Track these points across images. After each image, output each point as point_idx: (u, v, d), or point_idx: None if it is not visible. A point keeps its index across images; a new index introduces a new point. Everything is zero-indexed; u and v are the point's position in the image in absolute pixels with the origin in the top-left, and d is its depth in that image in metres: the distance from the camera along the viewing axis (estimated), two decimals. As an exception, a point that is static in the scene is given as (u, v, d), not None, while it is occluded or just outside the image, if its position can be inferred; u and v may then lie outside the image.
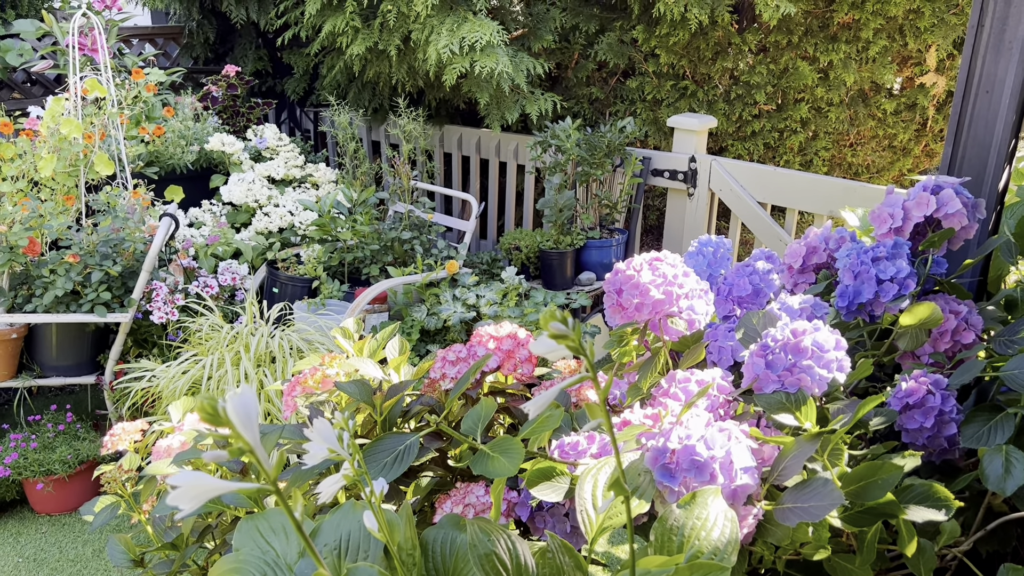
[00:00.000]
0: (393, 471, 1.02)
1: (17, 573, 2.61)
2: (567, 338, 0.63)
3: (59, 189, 3.19)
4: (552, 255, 3.42)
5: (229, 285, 3.31)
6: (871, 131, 4.07)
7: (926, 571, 1.02)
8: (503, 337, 1.41)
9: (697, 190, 3.30)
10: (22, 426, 3.04)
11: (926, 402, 1.14)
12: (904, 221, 1.32)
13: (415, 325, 3.00)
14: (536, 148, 3.49)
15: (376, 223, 3.46)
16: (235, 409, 0.53)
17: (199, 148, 3.87)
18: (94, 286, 2.89)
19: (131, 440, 1.48)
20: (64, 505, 2.92)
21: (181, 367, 2.66)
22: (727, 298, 1.37)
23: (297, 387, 1.44)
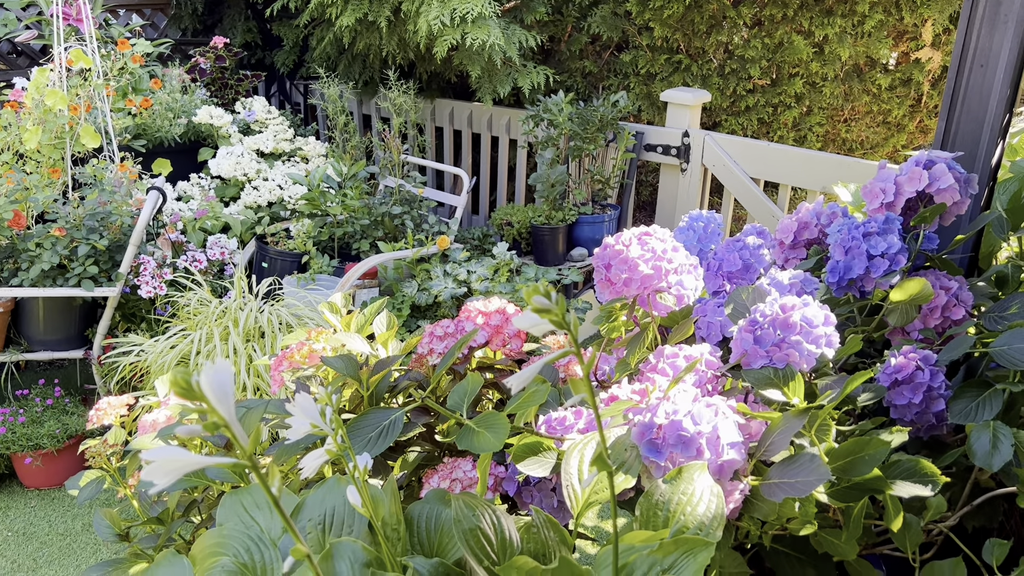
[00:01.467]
0: (378, 446, 1.01)
1: (6, 547, 2.61)
2: (550, 312, 0.62)
3: (45, 162, 3.15)
4: (544, 231, 3.40)
5: (218, 260, 3.28)
6: (865, 107, 4.05)
7: (912, 546, 1.02)
8: (492, 312, 1.40)
9: (690, 165, 3.28)
10: (10, 400, 3.02)
11: (915, 378, 1.13)
12: (896, 196, 1.31)
13: (406, 301, 2.99)
14: (528, 122, 3.46)
15: (366, 198, 3.44)
16: (209, 383, 0.52)
17: (187, 121, 3.82)
18: (81, 260, 2.86)
19: (117, 414, 1.47)
20: (53, 479, 2.91)
21: (169, 342, 2.64)
22: (717, 273, 1.36)
23: (284, 362, 1.43)
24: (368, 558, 0.80)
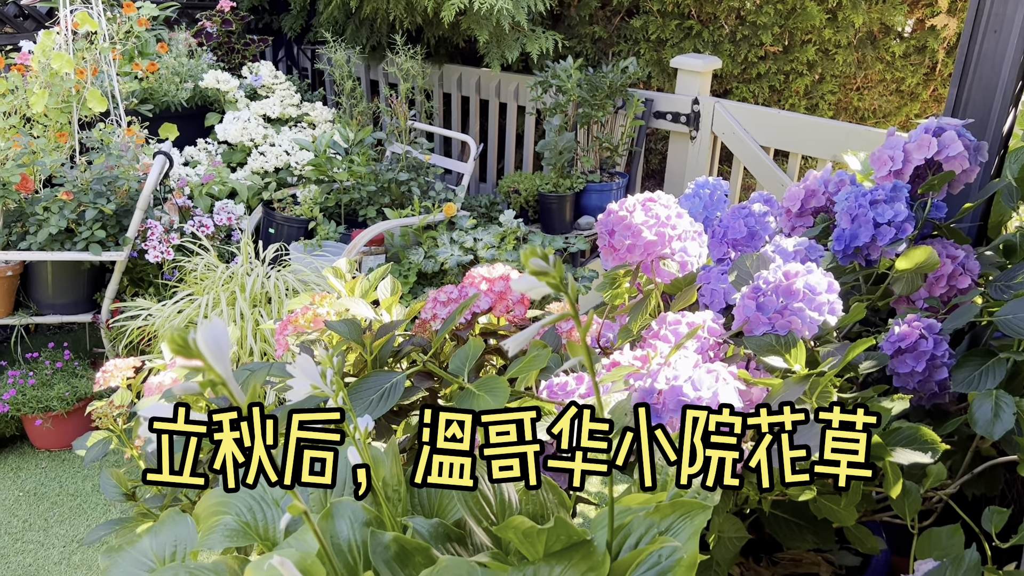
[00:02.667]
0: (379, 408, 1.02)
1: (18, 507, 2.65)
2: (548, 275, 0.62)
3: (52, 126, 3.15)
4: (551, 199, 3.39)
5: (225, 225, 3.28)
6: (879, 75, 3.99)
7: (911, 512, 1.03)
8: (495, 278, 1.40)
9: (700, 133, 3.25)
10: (20, 363, 3.05)
11: (918, 346, 1.13)
12: (904, 164, 1.30)
13: (412, 268, 2.99)
14: (536, 88, 3.43)
15: (373, 164, 3.42)
16: (205, 340, 0.52)
17: (193, 85, 3.81)
18: (88, 224, 2.87)
19: (123, 377, 1.48)
20: (63, 441, 2.95)
21: (177, 306, 2.65)
22: (722, 240, 1.35)
23: (289, 326, 1.44)
24: (368, 517, 0.80)
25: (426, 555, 0.76)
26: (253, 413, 0.69)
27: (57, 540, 2.50)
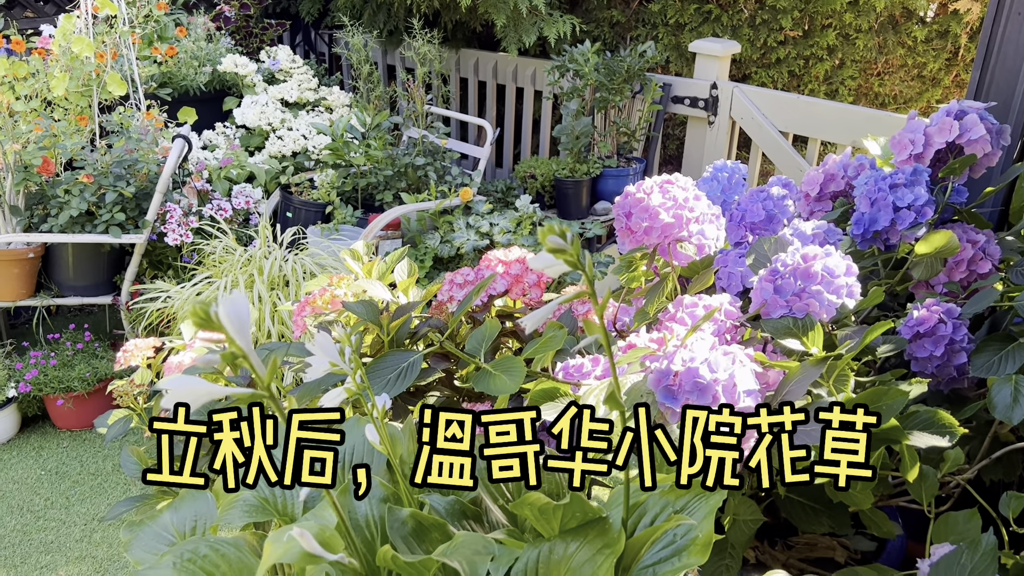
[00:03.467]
0: (396, 387, 1.02)
1: (40, 485, 2.69)
2: (565, 252, 0.62)
3: (72, 109, 3.17)
4: (568, 184, 3.38)
5: (243, 208, 3.30)
6: (900, 60, 3.95)
7: (928, 497, 1.02)
8: (512, 261, 1.40)
9: (718, 118, 3.23)
10: (42, 344, 3.09)
11: (937, 331, 1.12)
12: (925, 147, 1.28)
13: (428, 252, 3.00)
14: (554, 72, 3.42)
15: (390, 148, 3.43)
16: (227, 313, 0.53)
17: (212, 69, 3.82)
18: (108, 207, 2.90)
19: (143, 356, 1.49)
20: (84, 421, 2.99)
21: (195, 288, 2.67)
22: (739, 224, 1.34)
23: (307, 307, 1.45)
24: (386, 494, 0.81)
25: (443, 531, 0.77)
26: (253, 413, 0.70)
27: (78, 518, 2.54)
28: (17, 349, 3.10)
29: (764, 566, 1.18)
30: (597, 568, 0.68)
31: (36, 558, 2.38)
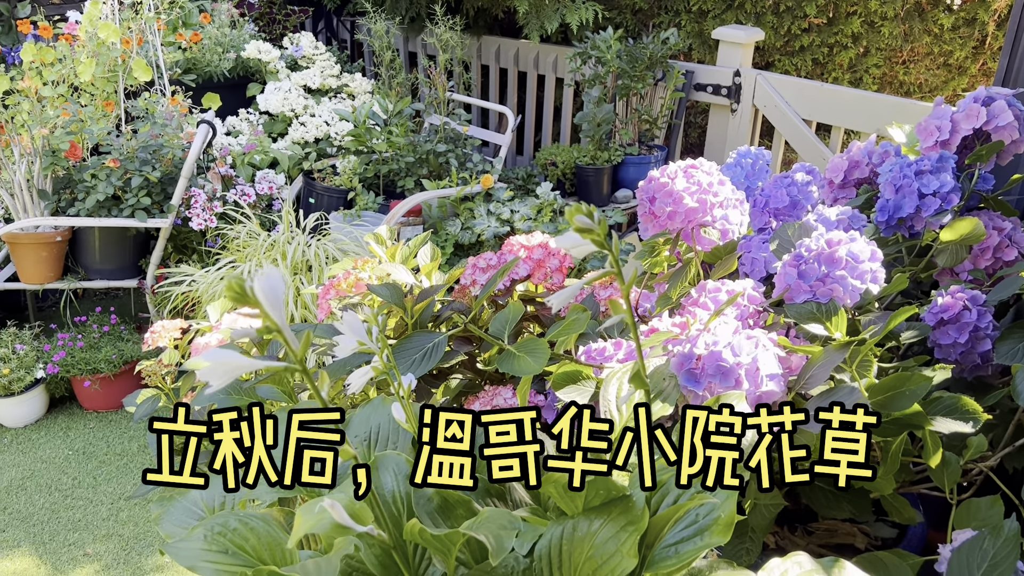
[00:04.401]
0: (422, 367, 1.04)
1: (67, 465, 2.74)
2: (592, 232, 0.63)
3: (98, 94, 3.20)
4: (588, 171, 3.38)
5: (266, 194, 3.33)
6: (926, 48, 3.90)
7: (950, 483, 1.02)
8: (534, 246, 1.41)
9: (740, 106, 3.21)
10: (69, 326, 3.14)
11: (961, 318, 1.12)
12: (951, 134, 1.28)
13: (449, 239, 3.01)
14: (575, 59, 3.41)
15: (411, 135, 3.44)
16: (262, 288, 0.54)
17: (235, 56, 3.84)
18: (134, 191, 2.93)
19: (171, 337, 1.52)
20: (110, 402, 3.03)
21: (219, 273, 2.70)
22: (763, 210, 1.34)
23: (331, 290, 1.46)
24: (411, 471, 0.82)
25: (467, 508, 0.78)
26: (253, 413, 0.72)
27: (105, 497, 2.59)
28: (45, 331, 3.15)
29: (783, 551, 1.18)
30: (621, 545, 0.69)
31: (64, 535, 2.43)
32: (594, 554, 0.71)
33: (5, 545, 2.39)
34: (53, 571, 2.30)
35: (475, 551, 0.82)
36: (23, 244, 2.95)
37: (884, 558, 1.01)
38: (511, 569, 0.76)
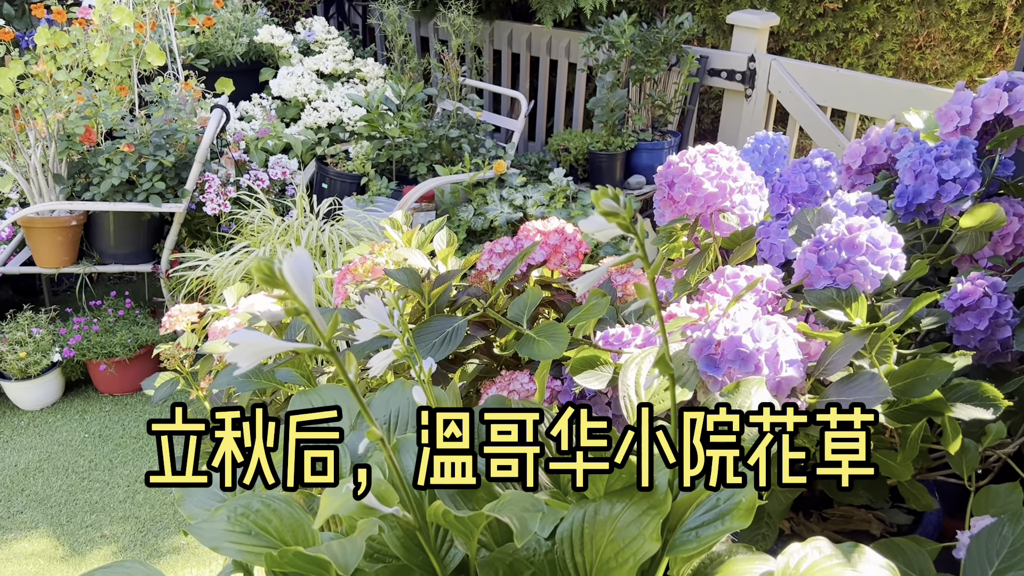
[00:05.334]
0: (441, 351, 1.04)
1: (84, 448, 2.77)
2: (618, 216, 0.63)
3: (112, 79, 3.21)
4: (601, 157, 3.37)
5: (280, 179, 3.33)
6: (942, 33, 3.86)
7: (968, 470, 1.02)
8: (550, 232, 1.41)
9: (755, 91, 3.19)
10: (84, 310, 3.16)
11: (981, 304, 1.11)
12: (972, 119, 1.27)
13: (462, 225, 3.01)
14: (589, 44, 3.40)
15: (424, 120, 3.43)
16: (291, 270, 0.54)
17: (248, 40, 3.84)
18: (148, 176, 2.94)
19: (188, 321, 1.53)
20: (125, 386, 3.06)
21: (234, 257, 2.71)
22: (782, 195, 1.34)
23: (348, 275, 1.47)
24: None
25: (489, 491, 0.79)
26: (256, 414, 0.72)
27: (121, 479, 2.61)
28: (61, 315, 3.17)
29: (799, 537, 1.19)
30: (643, 528, 0.70)
31: (81, 517, 2.45)
32: (616, 537, 0.72)
33: (24, 526, 2.42)
34: (71, 552, 2.33)
35: (496, 534, 0.83)
36: (39, 228, 2.96)
37: (902, 544, 1.01)
38: (533, 551, 0.76)
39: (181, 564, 2.28)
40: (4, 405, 3.00)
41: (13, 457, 2.72)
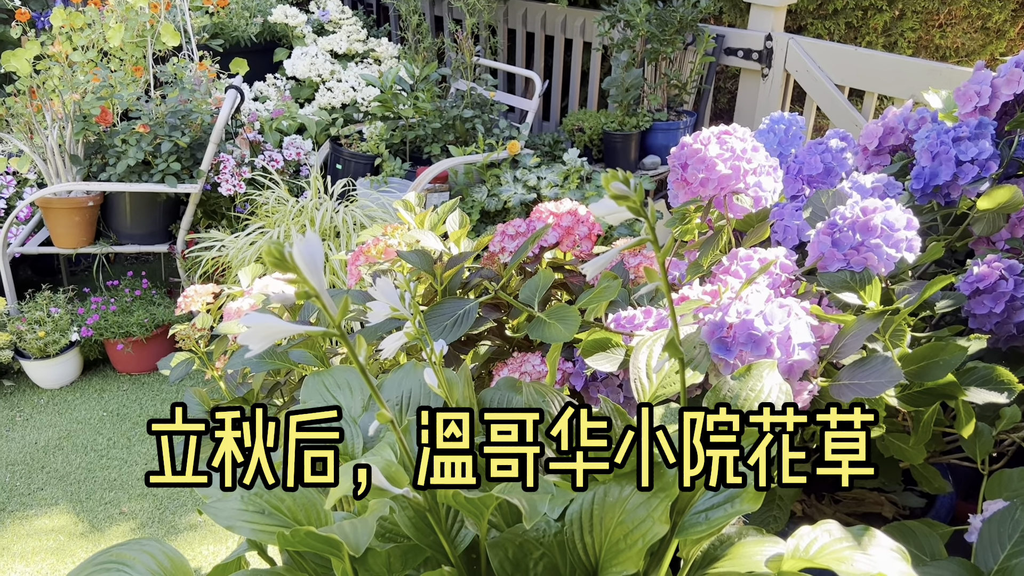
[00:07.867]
0: (453, 333, 1.04)
1: (102, 426, 2.80)
2: (628, 199, 0.62)
3: (128, 60, 3.22)
4: (616, 137, 3.35)
5: (294, 160, 3.34)
6: (963, 10, 3.80)
7: (982, 454, 1.02)
8: (563, 213, 1.41)
9: (772, 71, 3.16)
10: (101, 290, 3.19)
11: (997, 287, 1.10)
12: (992, 100, 1.25)
13: (475, 206, 3.00)
14: (604, 23, 3.37)
15: (438, 100, 3.42)
16: (301, 253, 0.55)
17: (262, 20, 3.84)
18: (164, 156, 2.95)
19: (203, 301, 1.54)
20: (142, 365, 3.09)
21: (249, 238, 2.73)
22: (796, 177, 1.33)
23: (361, 256, 1.47)
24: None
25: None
26: (256, 414, 0.72)
27: (139, 457, 2.65)
28: (78, 295, 3.20)
29: (811, 519, 1.19)
30: (652, 511, 0.70)
31: (100, 494, 2.49)
32: (625, 519, 0.72)
33: (44, 503, 2.46)
34: (91, 528, 2.36)
35: (506, 514, 0.83)
36: (56, 209, 2.99)
37: (913, 527, 1.01)
38: (543, 532, 0.77)
39: (198, 541, 2.31)
40: (24, 384, 3.04)
41: (33, 435, 2.76)
